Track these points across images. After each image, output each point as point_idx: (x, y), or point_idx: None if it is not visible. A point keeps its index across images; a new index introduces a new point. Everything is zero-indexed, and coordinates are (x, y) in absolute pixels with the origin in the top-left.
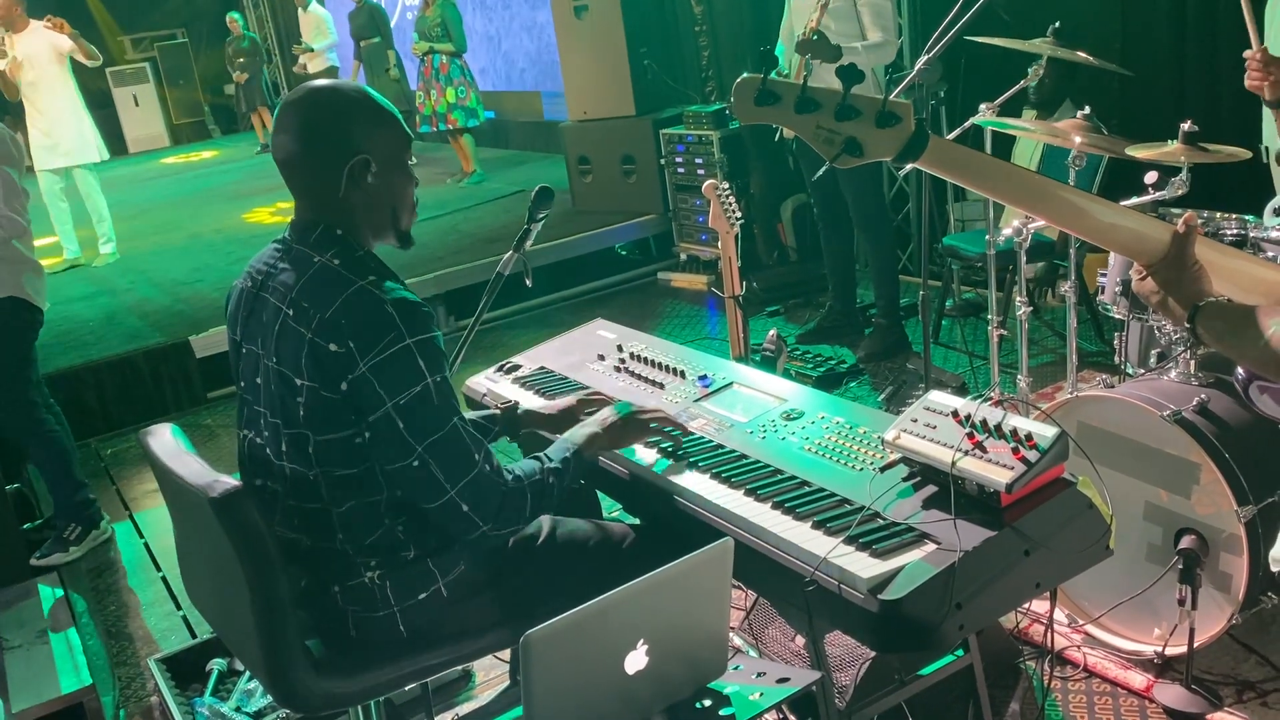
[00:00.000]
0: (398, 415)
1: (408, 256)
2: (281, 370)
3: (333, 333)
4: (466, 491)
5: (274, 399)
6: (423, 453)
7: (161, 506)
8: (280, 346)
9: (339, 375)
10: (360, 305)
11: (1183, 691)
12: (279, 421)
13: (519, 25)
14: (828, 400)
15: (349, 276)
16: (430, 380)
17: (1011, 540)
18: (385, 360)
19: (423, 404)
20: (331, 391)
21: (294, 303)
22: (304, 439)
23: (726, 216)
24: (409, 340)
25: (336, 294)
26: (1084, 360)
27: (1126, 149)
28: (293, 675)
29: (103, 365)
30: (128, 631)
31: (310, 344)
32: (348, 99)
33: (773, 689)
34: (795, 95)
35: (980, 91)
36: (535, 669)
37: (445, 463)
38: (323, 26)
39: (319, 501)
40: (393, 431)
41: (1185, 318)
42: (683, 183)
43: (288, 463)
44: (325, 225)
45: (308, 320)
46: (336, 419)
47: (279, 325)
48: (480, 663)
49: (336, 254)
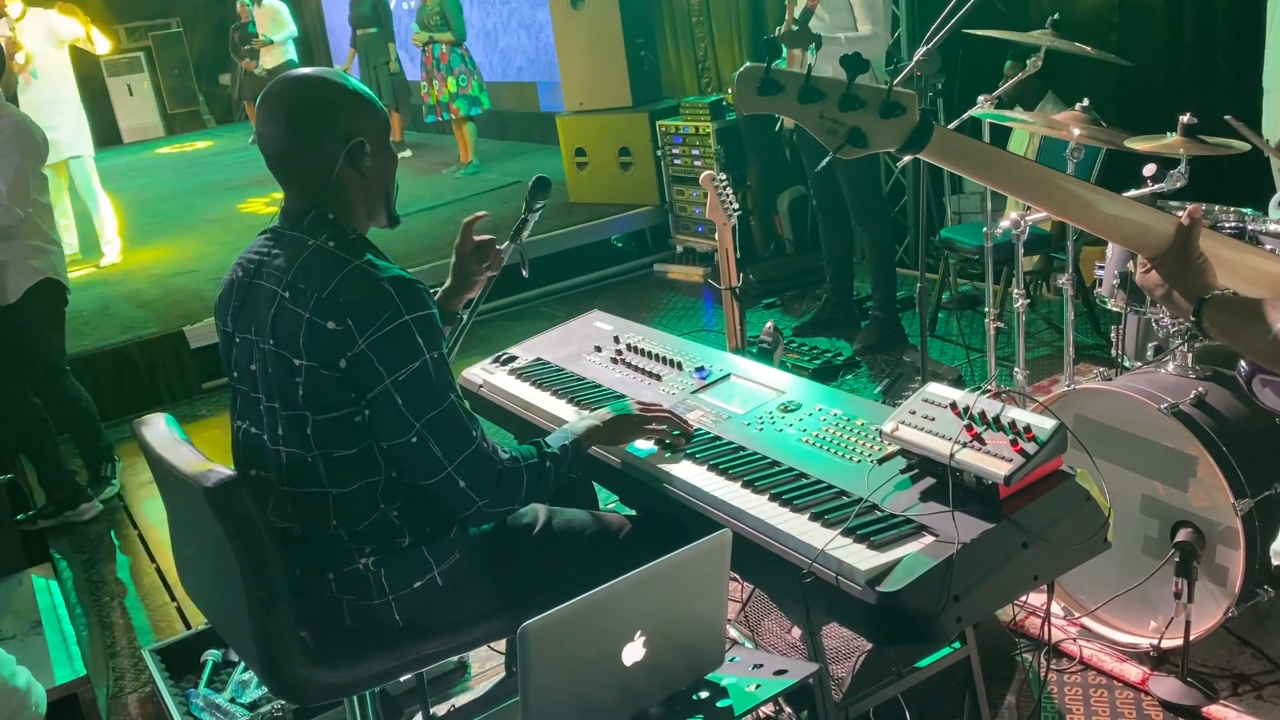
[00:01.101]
0: (396, 392)
1: (404, 247)
2: (279, 352)
3: (331, 310)
4: (464, 468)
5: (271, 382)
6: (421, 429)
7: (156, 497)
8: (277, 328)
9: (338, 353)
10: (358, 283)
11: (1178, 684)
12: (276, 405)
13: (516, 23)
14: (825, 392)
15: (345, 257)
16: (429, 356)
17: (1010, 532)
18: (384, 337)
19: (421, 380)
20: (331, 370)
21: (290, 285)
22: (302, 420)
23: (723, 208)
24: (407, 317)
25: (334, 273)
26: (1081, 353)
27: (1125, 141)
28: (287, 666)
29: (97, 355)
30: (122, 622)
31: (309, 323)
32: (331, 85)
33: (770, 681)
34: (799, 85)
35: (978, 84)
36: (533, 660)
37: (443, 439)
38: (279, 18)
39: (316, 485)
40: (391, 408)
41: (1191, 311)
42: (679, 174)
43: (284, 447)
44: (317, 211)
45: (305, 300)
46: (336, 398)
47: (275, 308)
48: (476, 654)
49: (330, 237)
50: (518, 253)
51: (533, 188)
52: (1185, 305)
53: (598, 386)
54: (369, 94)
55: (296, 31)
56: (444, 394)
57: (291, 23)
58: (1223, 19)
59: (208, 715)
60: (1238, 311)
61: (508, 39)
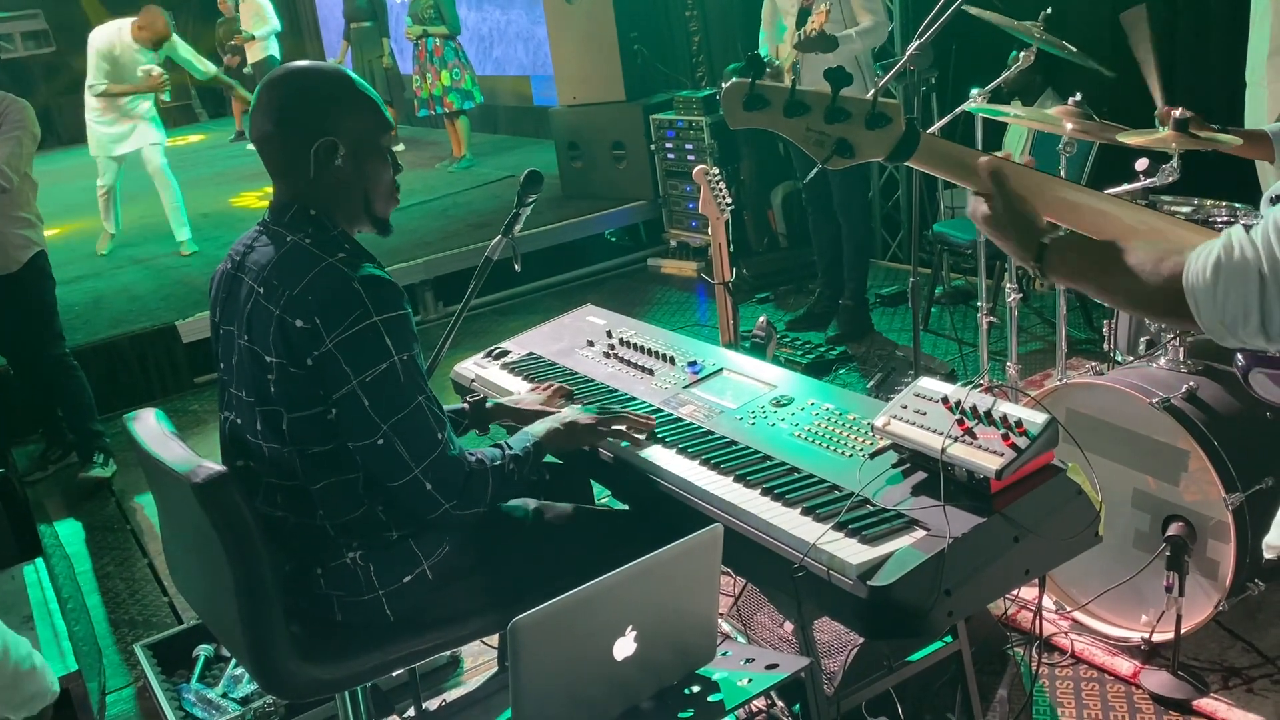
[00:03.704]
0: (363, 393)
1: (396, 241)
2: (253, 348)
3: (300, 309)
4: (430, 471)
5: (247, 377)
6: (388, 431)
7: (147, 492)
8: (252, 324)
9: (305, 351)
10: (327, 282)
11: (1169, 678)
12: (253, 400)
13: (512, 21)
14: (817, 387)
15: (319, 254)
16: (396, 358)
17: (1001, 526)
18: (351, 337)
19: (388, 382)
20: (299, 368)
21: (265, 280)
22: (277, 416)
23: (717, 202)
24: (375, 318)
25: (306, 271)
26: (1073, 348)
27: (1118, 136)
28: (278, 661)
29: (88, 349)
30: (113, 617)
31: (278, 320)
32: (324, 81)
33: (762, 675)
34: (784, 99)
35: (972, 78)
36: (524, 655)
37: (410, 441)
38: (262, 13)
39: (295, 479)
40: (358, 409)
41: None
42: (673, 169)
43: (264, 441)
44: (300, 206)
45: (277, 297)
46: (306, 396)
47: (251, 303)
48: (469, 649)
49: (309, 234)
50: (510, 247)
51: (525, 182)
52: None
53: (590, 381)
54: (370, 96)
55: (279, 26)
56: (412, 396)
57: (274, 18)
58: (1215, 14)
59: (200, 710)
60: (1089, 252)
61: (500, 33)
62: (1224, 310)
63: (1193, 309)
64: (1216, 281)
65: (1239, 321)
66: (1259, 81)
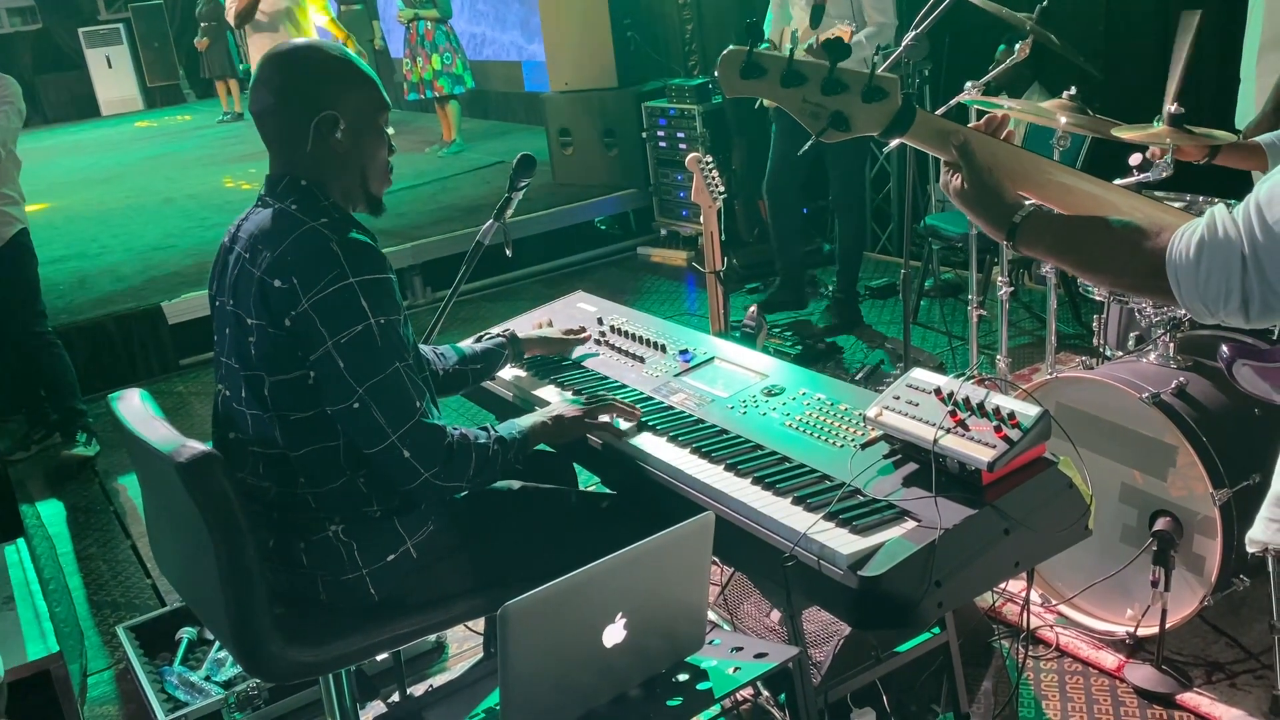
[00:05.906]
0: (338, 354)
1: (385, 225)
2: (236, 311)
3: (278, 269)
4: (408, 438)
5: (230, 342)
6: (364, 394)
7: (131, 473)
8: (237, 288)
9: (282, 312)
10: (306, 243)
11: (1153, 672)
12: (237, 365)
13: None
14: (809, 376)
15: (302, 218)
16: (373, 321)
17: (992, 519)
18: (326, 297)
19: (364, 344)
20: (277, 329)
21: (250, 245)
22: (259, 381)
23: (709, 190)
24: (352, 279)
25: (287, 234)
26: (1062, 342)
27: (1111, 130)
28: (262, 644)
29: (72, 329)
30: (96, 599)
31: (259, 282)
32: (327, 56)
33: (750, 664)
34: (781, 68)
35: (966, 70)
36: (513, 641)
37: (386, 407)
38: None
39: (275, 447)
40: (333, 371)
41: (1005, 229)
42: (664, 157)
43: (247, 409)
44: (292, 178)
45: (259, 260)
46: (285, 359)
47: (237, 269)
48: (454, 634)
49: (296, 200)
50: (501, 232)
51: (517, 166)
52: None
53: (580, 367)
54: (369, 74)
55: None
56: (389, 360)
57: None
58: (1210, 8)
59: (182, 693)
60: (1061, 226)
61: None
62: (1205, 289)
63: (1173, 286)
64: (1199, 260)
65: (1220, 300)
66: (1251, 76)
